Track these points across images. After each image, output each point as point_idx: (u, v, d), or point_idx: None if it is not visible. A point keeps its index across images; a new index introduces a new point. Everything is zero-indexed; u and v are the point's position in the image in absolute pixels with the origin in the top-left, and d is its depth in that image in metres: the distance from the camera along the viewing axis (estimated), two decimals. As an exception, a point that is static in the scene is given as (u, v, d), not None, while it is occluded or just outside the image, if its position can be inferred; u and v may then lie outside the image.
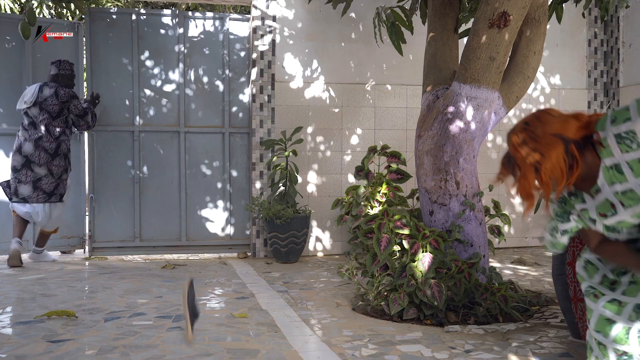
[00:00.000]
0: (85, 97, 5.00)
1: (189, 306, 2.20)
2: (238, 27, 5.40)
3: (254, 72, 5.21)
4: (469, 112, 3.35)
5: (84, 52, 5.58)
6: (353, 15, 5.32)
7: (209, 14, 5.38)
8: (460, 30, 4.32)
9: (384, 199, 3.80)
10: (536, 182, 1.71)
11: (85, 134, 5.34)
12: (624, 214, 1.70)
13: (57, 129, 4.79)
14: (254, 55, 5.20)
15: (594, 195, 1.76)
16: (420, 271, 3.11)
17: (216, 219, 5.38)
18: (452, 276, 3.16)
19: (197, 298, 2.60)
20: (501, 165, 1.83)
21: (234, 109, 5.40)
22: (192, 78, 5.33)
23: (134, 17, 5.23)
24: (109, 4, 7.77)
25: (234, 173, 5.39)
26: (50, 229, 4.91)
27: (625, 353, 1.74)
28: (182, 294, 2.28)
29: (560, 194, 1.77)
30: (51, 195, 4.80)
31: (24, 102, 4.83)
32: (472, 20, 4.08)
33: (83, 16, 5.36)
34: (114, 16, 5.24)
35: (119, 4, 8.13)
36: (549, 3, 3.90)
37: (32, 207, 4.77)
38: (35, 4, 6.79)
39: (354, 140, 5.39)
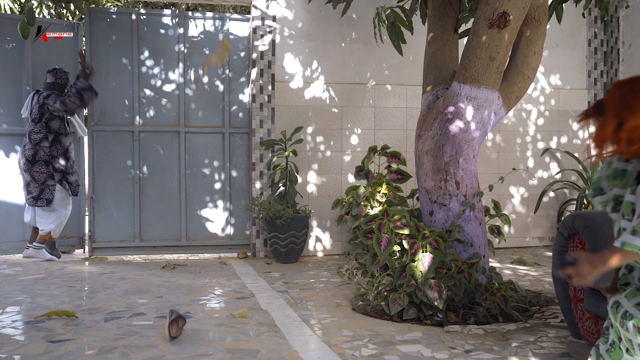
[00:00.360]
0: (76, 78, 4.98)
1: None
2: (238, 27, 5.40)
3: (254, 72, 5.21)
4: (469, 112, 3.35)
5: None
6: (353, 15, 5.32)
7: (209, 14, 5.38)
8: (460, 30, 4.32)
9: (384, 199, 3.80)
10: (614, 134, 1.69)
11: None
12: None
13: (37, 135, 4.84)
14: (254, 55, 5.20)
15: None
16: (420, 271, 3.11)
17: (216, 219, 5.38)
18: (452, 276, 3.16)
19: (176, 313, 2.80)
20: (590, 107, 1.80)
21: (234, 108, 5.40)
22: (192, 78, 5.33)
23: (133, 17, 5.23)
24: (108, 4, 7.77)
25: (234, 173, 5.39)
26: (42, 233, 4.96)
27: None
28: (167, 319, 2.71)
29: (634, 154, 1.71)
30: (37, 200, 4.87)
31: (22, 112, 5.00)
32: (472, 20, 4.08)
33: (83, 16, 5.36)
34: (114, 16, 5.24)
35: (119, 4, 8.13)
36: (549, 3, 3.90)
37: (25, 210, 5.03)
38: (35, 4, 6.79)
39: (354, 140, 5.39)
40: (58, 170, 4.92)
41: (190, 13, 5.37)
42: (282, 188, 5.04)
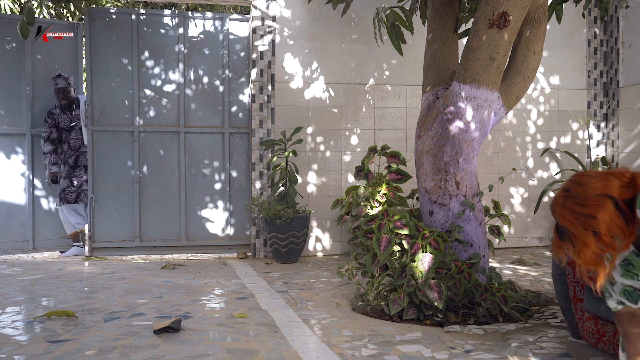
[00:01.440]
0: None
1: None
2: (238, 27, 5.40)
3: (253, 72, 5.21)
4: (469, 113, 3.35)
5: (84, 52, 5.58)
6: (353, 15, 5.32)
7: (209, 14, 5.38)
8: (460, 30, 4.32)
9: (383, 199, 3.80)
10: (599, 246, 1.64)
11: (85, 134, 5.33)
12: None
13: (77, 142, 5.41)
14: (254, 56, 5.20)
15: None
16: (420, 271, 3.11)
17: (216, 219, 5.38)
18: (452, 276, 3.16)
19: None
20: (556, 240, 1.75)
21: (234, 109, 5.40)
22: (192, 78, 5.33)
23: (133, 17, 5.23)
24: (108, 4, 7.76)
25: (234, 173, 5.39)
26: (80, 229, 5.37)
27: None
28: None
29: (626, 248, 1.69)
30: (77, 201, 5.40)
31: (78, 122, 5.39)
32: (472, 20, 4.08)
33: (82, 16, 5.36)
34: (114, 16, 5.23)
35: (119, 4, 8.12)
36: (549, 3, 3.90)
37: (67, 213, 5.40)
38: (35, 4, 6.79)
39: (354, 140, 5.39)
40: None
41: (190, 13, 5.37)
42: (282, 188, 5.04)
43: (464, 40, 4.53)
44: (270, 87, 5.22)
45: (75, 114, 5.29)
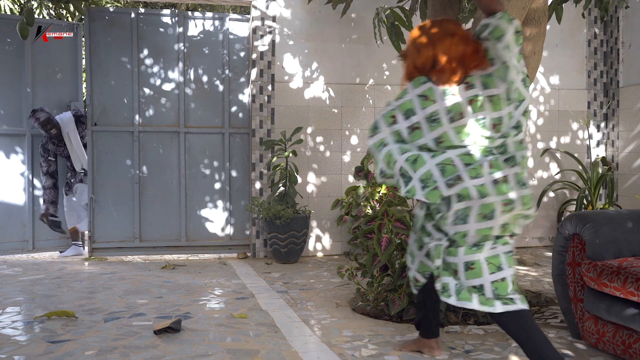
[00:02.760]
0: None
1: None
2: (238, 27, 5.40)
3: (253, 73, 5.21)
4: (469, 113, 3.34)
5: (84, 51, 5.58)
6: (353, 15, 5.32)
7: (209, 14, 5.38)
8: (460, 30, 4.31)
9: (383, 199, 3.80)
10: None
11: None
12: None
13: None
14: (254, 56, 5.20)
15: None
16: (420, 271, 3.10)
17: (216, 219, 5.38)
18: (452, 276, 3.15)
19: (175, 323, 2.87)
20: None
21: (234, 109, 5.40)
22: (192, 78, 5.33)
23: (133, 16, 5.22)
24: (108, 4, 7.76)
25: (234, 173, 5.39)
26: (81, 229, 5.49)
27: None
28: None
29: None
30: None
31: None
32: (472, 20, 4.08)
33: (82, 17, 5.36)
34: (114, 16, 5.23)
35: (118, 4, 8.12)
36: (549, 3, 3.90)
37: (77, 217, 5.49)
38: (35, 5, 6.79)
39: (354, 140, 5.39)
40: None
41: (190, 13, 5.37)
42: (281, 188, 5.04)
43: (464, 40, 4.52)
44: (270, 87, 5.21)
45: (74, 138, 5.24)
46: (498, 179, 2.14)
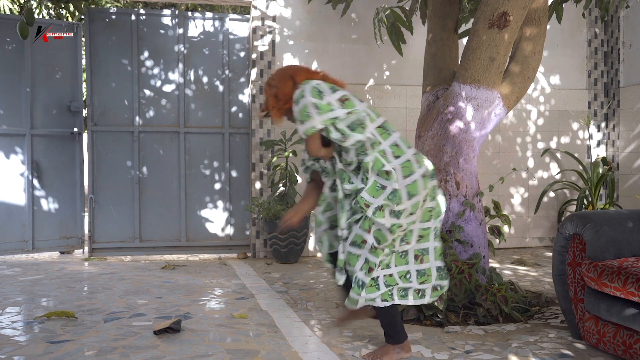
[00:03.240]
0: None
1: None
2: (238, 28, 5.39)
3: (253, 73, 5.20)
4: (469, 113, 3.35)
5: (84, 52, 5.58)
6: (353, 15, 5.31)
7: (209, 14, 5.37)
8: (460, 30, 4.32)
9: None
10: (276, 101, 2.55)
11: (85, 134, 5.34)
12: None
13: None
14: (254, 56, 5.19)
15: None
16: (421, 272, 3.10)
17: (216, 219, 5.37)
18: (453, 277, 3.16)
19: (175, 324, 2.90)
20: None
21: (234, 109, 5.40)
22: (192, 78, 5.33)
23: (133, 17, 5.22)
24: (108, 4, 7.76)
25: (234, 173, 5.39)
26: None
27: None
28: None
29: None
30: None
31: None
32: (472, 20, 4.08)
33: (82, 17, 5.35)
34: (114, 16, 5.23)
35: (118, 4, 8.12)
36: (549, 3, 3.90)
37: None
38: (35, 5, 6.79)
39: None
40: None
41: (189, 13, 5.37)
42: (282, 188, 5.04)
43: (464, 40, 4.52)
44: (270, 87, 5.20)
45: None
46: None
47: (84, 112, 7.05)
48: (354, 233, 2.46)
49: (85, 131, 5.71)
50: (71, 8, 5.50)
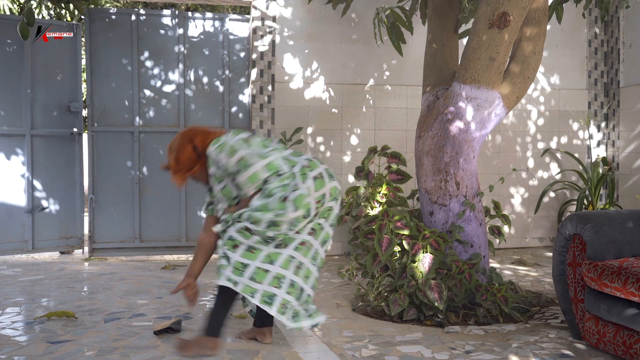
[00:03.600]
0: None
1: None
2: (238, 28, 5.39)
3: (253, 73, 5.20)
4: (469, 113, 3.35)
5: (83, 52, 5.58)
6: (353, 15, 5.31)
7: (209, 15, 5.37)
8: (460, 30, 4.32)
9: (384, 200, 3.80)
10: (177, 167, 2.59)
11: (85, 134, 5.34)
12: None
13: None
14: (254, 56, 5.19)
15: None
16: (421, 272, 3.10)
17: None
18: (453, 277, 3.16)
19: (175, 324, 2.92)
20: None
21: (234, 109, 5.40)
22: (192, 78, 5.33)
23: (133, 17, 5.22)
24: (108, 5, 7.77)
25: (234, 174, 5.38)
26: None
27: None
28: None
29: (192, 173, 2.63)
30: None
31: None
32: (472, 20, 4.08)
33: (82, 17, 5.35)
34: (114, 16, 5.23)
35: (118, 4, 8.12)
36: (549, 3, 3.90)
37: None
38: (35, 5, 6.79)
39: (354, 140, 5.39)
40: None
41: (190, 13, 5.37)
42: (282, 188, 5.03)
43: (464, 40, 4.53)
44: (270, 88, 5.21)
45: None
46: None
47: (84, 113, 7.06)
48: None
49: (85, 131, 5.72)
50: (71, 8, 5.50)
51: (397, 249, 3.25)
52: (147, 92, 5.26)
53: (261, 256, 2.45)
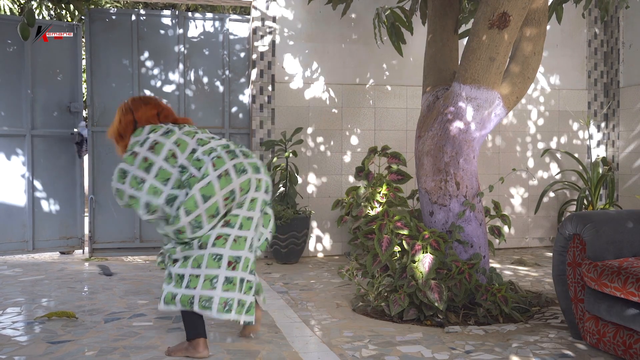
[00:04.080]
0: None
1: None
2: (238, 28, 5.40)
3: (253, 73, 5.21)
4: (469, 113, 3.35)
5: (83, 52, 5.58)
6: (353, 16, 5.32)
7: (209, 15, 5.38)
8: (460, 31, 4.32)
9: (384, 200, 3.80)
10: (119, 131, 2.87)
11: (85, 134, 5.34)
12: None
13: None
14: (254, 56, 5.20)
15: None
16: (421, 272, 3.11)
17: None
18: (453, 277, 3.16)
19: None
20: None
21: (234, 109, 5.40)
22: (192, 79, 5.33)
23: (133, 17, 5.22)
24: (108, 5, 7.77)
25: (234, 174, 5.38)
26: None
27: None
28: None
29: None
30: None
31: None
32: (472, 20, 4.08)
33: (82, 17, 5.35)
34: (114, 17, 5.23)
35: (118, 4, 8.13)
36: (549, 3, 3.90)
37: None
38: (35, 5, 6.79)
39: (354, 140, 5.39)
40: None
41: (190, 14, 5.37)
42: (282, 189, 5.04)
43: (464, 40, 4.53)
44: (270, 88, 5.21)
45: None
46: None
47: (84, 113, 7.06)
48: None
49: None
50: (71, 8, 5.50)
51: (397, 249, 3.26)
52: (148, 92, 5.26)
53: (190, 262, 2.47)
